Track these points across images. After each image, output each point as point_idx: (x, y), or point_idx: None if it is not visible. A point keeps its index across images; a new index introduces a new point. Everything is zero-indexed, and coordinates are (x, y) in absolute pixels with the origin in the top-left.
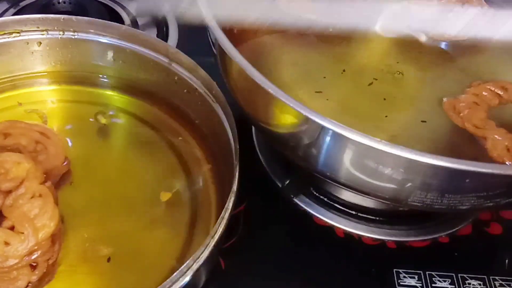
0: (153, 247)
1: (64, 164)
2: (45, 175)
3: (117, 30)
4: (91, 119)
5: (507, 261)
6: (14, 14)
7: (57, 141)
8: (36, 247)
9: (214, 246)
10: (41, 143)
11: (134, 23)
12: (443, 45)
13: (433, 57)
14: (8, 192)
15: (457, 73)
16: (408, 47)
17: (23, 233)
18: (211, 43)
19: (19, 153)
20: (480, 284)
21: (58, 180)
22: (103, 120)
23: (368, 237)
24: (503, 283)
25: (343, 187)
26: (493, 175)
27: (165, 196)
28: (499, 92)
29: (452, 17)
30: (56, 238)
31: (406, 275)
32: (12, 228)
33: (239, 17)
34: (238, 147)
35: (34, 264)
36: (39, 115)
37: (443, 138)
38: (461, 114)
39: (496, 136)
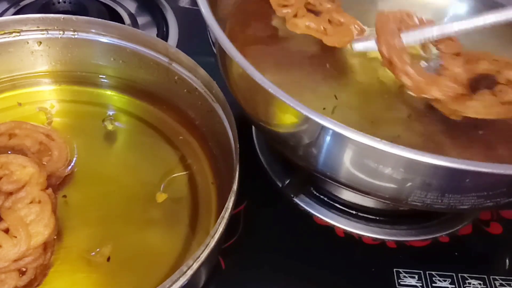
0: (153, 247)
1: (68, 169)
2: (47, 176)
3: (117, 30)
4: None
5: (507, 261)
6: (14, 13)
7: (61, 144)
8: (27, 253)
9: (214, 246)
10: (45, 145)
11: (134, 23)
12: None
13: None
14: (9, 194)
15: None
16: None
17: (16, 237)
18: (211, 43)
19: (26, 157)
20: (480, 284)
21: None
22: (109, 127)
23: (368, 236)
24: (503, 283)
25: (343, 186)
26: (493, 175)
27: (161, 198)
28: None
29: None
30: (48, 246)
31: (406, 275)
32: (6, 230)
33: None
34: (238, 147)
35: (23, 269)
36: (46, 113)
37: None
38: None
39: None
